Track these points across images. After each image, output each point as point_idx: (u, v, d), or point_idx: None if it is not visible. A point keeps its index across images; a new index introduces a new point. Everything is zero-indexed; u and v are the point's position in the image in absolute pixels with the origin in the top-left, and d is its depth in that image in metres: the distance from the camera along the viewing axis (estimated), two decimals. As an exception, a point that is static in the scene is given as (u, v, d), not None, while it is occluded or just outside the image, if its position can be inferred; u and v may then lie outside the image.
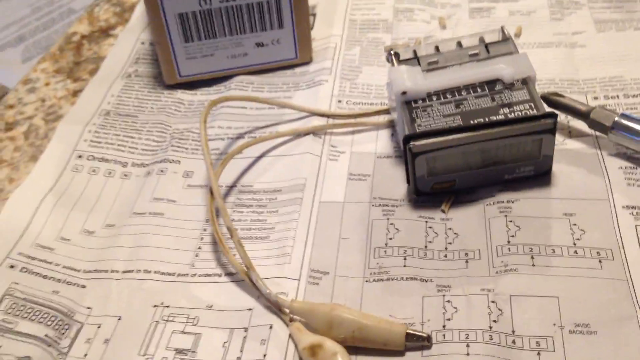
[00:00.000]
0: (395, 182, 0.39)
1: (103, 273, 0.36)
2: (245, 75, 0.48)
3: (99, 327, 0.33)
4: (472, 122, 0.36)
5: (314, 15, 0.53)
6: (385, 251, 0.35)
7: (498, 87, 0.37)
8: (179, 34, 0.45)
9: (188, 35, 0.45)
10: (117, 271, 0.36)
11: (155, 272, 0.35)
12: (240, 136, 0.43)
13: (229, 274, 0.35)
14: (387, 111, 0.43)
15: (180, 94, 0.47)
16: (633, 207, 0.35)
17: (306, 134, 0.42)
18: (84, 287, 0.35)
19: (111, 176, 0.41)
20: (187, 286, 0.35)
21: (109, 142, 0.43)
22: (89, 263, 0.36)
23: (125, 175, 0.41)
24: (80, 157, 0.42)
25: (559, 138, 0.39)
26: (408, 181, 0.37)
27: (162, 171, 0.41)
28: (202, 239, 0.37)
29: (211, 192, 0.36)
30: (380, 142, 0.42)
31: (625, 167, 0.37)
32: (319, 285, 0.34)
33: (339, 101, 0.45)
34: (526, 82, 0.37)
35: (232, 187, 0.40)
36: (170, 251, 0.36)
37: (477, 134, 0.35)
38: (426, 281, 0.33)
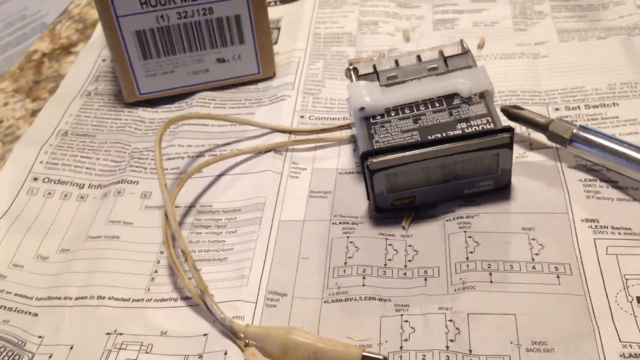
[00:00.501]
0: (357, 199, 0.38)
1: (56, 300, 0.35)
2: (207, 92, 0.47)
3: (50, 356, 0.32)
4: (429, 137, 0.35)
5: (279, 29, 0.53)
6: (344, 270, 0.34)
7: (456, 101, 0.37)
8: (137, 51, 0.44)
9: (146, 52, 0.44)
10: (71, 298, 0.35)
11: (109, 297, 0.34)
12: (200, 154, 0.42)
13: (185, 298, 0.34)
14: (349, 126, 0.43)
15: (141, 112, 0.46)
16: (592, 221, 0.34)
17: (267, 151, 0.42)
18: (36, 315, 0.34)
19: (67, 199, 0.40)
20: (142, 312, 0.34)
21: (66, 164, 0.43)
22: (42, 290, 0.35)
23: (82, 197, 0.40)
24: (35, 179, 0.42)
25: (519, 150, 0.39)
26: (369, 197, 0.37)
27: (119, 192, 0.40)
28: (158, 262, 0.36)
29: (166, 215, 0.36)
30: (342, 158, 0.41)
31: (585, 180, 0.37)
32: (276, 308, 0.33)
33: (302, 116, 0.44)
34: (484, 96, 0.37)
35: (190, 207, 0.39)
36: (126, 276, 0.36)
37: (434, 150, 0.35)
38: (385, 300, 0.33)
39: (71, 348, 0.32)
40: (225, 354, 0.31)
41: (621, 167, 0.35)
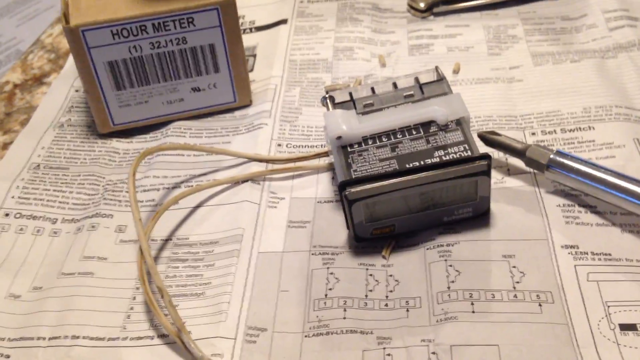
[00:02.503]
0: (336, 228, 0.38)
1: (29, 341, 0.34)
2: (183, 121, 0.46)
3: (21, 401, 0.31)
4: (407, 166, 0.35)
5: (254, 56, 0.53)
6: (325, 303, 0.34)
7: (433, 128, 0.37)
8: (109, 82, 0.44)
9: (119, 83, 0.44)
10: (44, 338, 0.34)
11: (83, 337, 0.33)
12: (176, 185, 0.42)
13: (162, 336, 0.33)
14: (327, 154, 0.43)
15: (115, 143, 0.46)
16: (572, 247, 0.34)
17: (244, 180, 0.41)
18: (8, 357, 0.33)
19: (40, 234, 0.39)
20: (118, 351, 0.33)
21: (38, 198, 0.42)
22: (14, 330, 0.34)
23: (55, 232, 0.39)
24: (7, 215, 0.41)
25: (497, 176, 0.39)
26: (348, 226, 0.36)
27: (93, 227, 0.39)
28: (134, 298, 0.35)
29: (141, 251, 0.35)
30: (320, 187, 0.41)
31: (563, 205, 0.37)
32: (256, 344, 0.32)
33: (279, 145, 0.44)
34: (460, 123, 0.37)
35: (167, 240, 0.38)
36: (100, 314, 0.35)
37: (412, 179, 0.34)
38: (366, 333, 0.32)
39: (43, 392, 0.31)
40: (204, 394, 0.30)
41: (599, 192, 0.35)
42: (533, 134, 0.42)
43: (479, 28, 0.52)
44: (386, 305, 0.33)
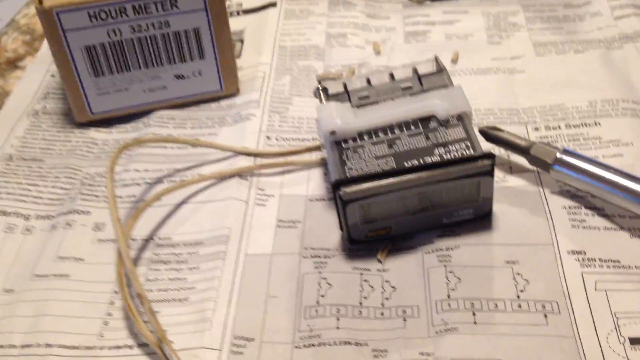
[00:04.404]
0: (328, 229, 0.36)
1: (-2, 349, 0.31)
2: (165, 110, 0.44)
3: (-11, 417, 0.29)
4: (405, 164, 0.33)
5: (242, 41, 0.50)
6: (316, 310, 0.32)
7: (432, 124, 0.34)
8: (87, 68, 0.41)
9: (98, 69, 0.41)
10: (15, 346, 0.31)
11: (58, 345, 0.31)
12: (158, 180, 0.39)
13: (142, 345, 0.31)
14: (319, 148, 0.40)
15: (94, 133, 0.43)
16: (579, 252, 0.32)
17: (231, 176, 0.39)
18: (-25, 367, 0.31)
19: (11, 232, 0.37)
20: (94, 362, 0.31)
21: (10, 192, 0.39)
22: (-18, 338, 0.32)
23: (28, 230, 0.37)
24: (-25, 211, 0.38)
25: (499, 174, 0.37)
26: (341, 227, 0.34)
27: (69, 224, 0.37)
28: (112, 303, 0.33)
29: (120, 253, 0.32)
30: (312, 183, 0.39)
31: (569, 207, 0.35)
32: (243, 355, 0.30)
33: (268, 137, 0.42)
34: (462, 118, 0.34)
35: (148, 240, 0.36)
36: (77, 320, 0.32)
37: (411, 178, 0.32)
38: (361, 345, 0.30)
39: (13, 407, 0.29)
40: (187, 411, 0.28)
41: (607, 194, 0.33)
42: (536, 129, 0.40)
43: (478, 14, 0.50)
44: (382, 314, 0.31)
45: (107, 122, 0.43)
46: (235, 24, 0.51)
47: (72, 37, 0.39)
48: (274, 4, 0.53)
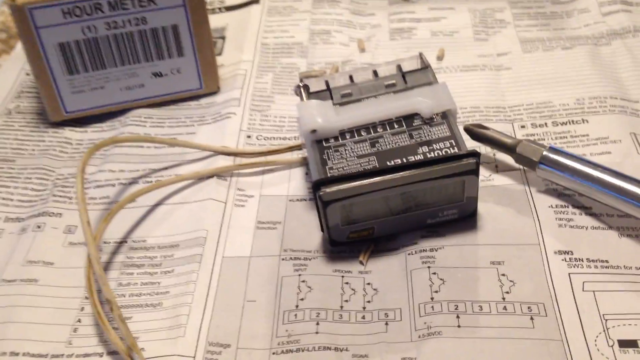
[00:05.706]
0: (309, 230, 0.34)
1: (-38, 358, 0.30)
2: (143, 109, 0.42)
3: None
4: (388, 163, 0.32)
5: (223, 38, 0.49)
6: (295, 315, 0.31)
7: (416, 122, 0.33)
8: (61, 65, 0.39)
9: (72, 66, 0.40)
10: (-20, 354, 0.30)
11: (24, 354, 0.30)
12: (134, 181, 0.38)
13: (112, 353, 0.30)
14: (300, 147, 0.39)
15: (68, 132, 0.42)
16: (565, 253, 0.31)
17: (210, 176, 0.38)
18: (-64, 377, 0.29)
19: (-21, 235, 0.35)
20: (62, 370, 0.29)
21: (-21, 194, 0.38)
22: (-55, 346, 0.30)
23: (-3, 233, 0.36)
24: (-58, 213, 0.36)
25: (485, 173, 0.36)
26: (322, 228, 0.33)
27: (39, 227, 0.35)
28: (82, 309, 0.32)
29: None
30: (293, 183, 0.37)
31: (556, 206, 0.34)
32: (218, 362, 0.29)
33: (248, 136, 0.40)
34: (446, 116, 0.33)
35: (121, 242, 0.35)
36: (44, 327, 0.31)
37: (393, 178, 0.31)
38: (341, 350, 0.29)
39: (-24, 419, 0.28)
40: (158, 421, 0.27)
41: (595, 192, 0.32)
42: (523, 126, 0.39)
43: (465, 11, 0.49)
44: (363, 317, 0.30)
45: (82, 121, 0.42)
46: (216, 20, 0.50)
47: (45, 35, 0.38)
48: (256, 1, 0.52)
